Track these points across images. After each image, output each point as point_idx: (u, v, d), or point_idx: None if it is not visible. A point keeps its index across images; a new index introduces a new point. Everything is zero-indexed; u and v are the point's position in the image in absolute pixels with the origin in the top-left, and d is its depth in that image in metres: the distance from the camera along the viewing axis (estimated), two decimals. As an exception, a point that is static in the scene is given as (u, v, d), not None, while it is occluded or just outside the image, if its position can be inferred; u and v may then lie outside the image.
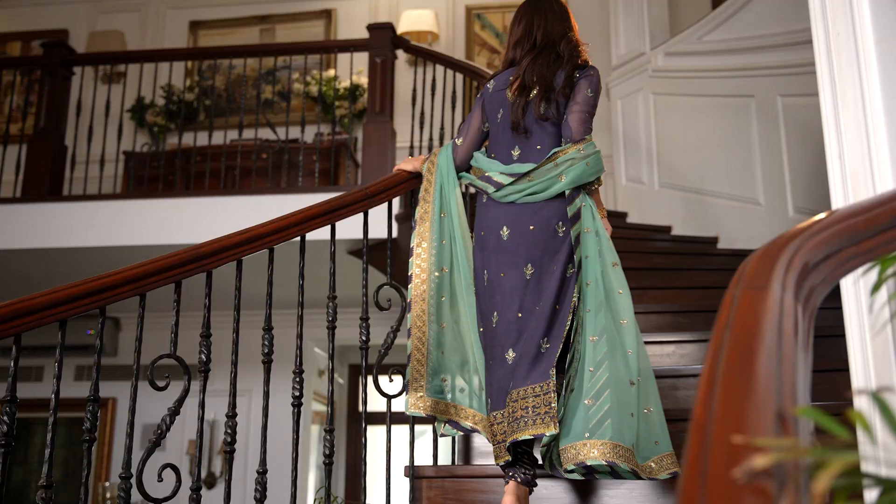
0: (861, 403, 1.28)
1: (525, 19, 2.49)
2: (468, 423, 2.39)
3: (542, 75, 2.35)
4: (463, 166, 2.53)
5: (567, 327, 2.20)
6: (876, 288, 0.90)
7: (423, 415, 2.37)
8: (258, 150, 5.41)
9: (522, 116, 2.34)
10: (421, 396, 2.37)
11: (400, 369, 2.58)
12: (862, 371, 1.28)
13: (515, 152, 2.37)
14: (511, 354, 2.23)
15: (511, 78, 2.42)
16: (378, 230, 3.09)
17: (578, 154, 2.28)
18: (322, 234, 2.58)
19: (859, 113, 1.34)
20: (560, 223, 2.30)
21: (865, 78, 1.34)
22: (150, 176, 5.56)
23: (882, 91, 1.32)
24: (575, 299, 2.22)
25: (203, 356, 2.17)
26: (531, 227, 2.29)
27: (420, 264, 2.47)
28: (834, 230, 1.07)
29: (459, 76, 4.80)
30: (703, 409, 0.72)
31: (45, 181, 4.91)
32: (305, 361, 6.25)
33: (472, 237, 2.50)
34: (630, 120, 5.51)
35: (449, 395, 2.42)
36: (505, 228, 2.31)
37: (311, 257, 2.91)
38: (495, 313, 2.29)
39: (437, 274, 2.45)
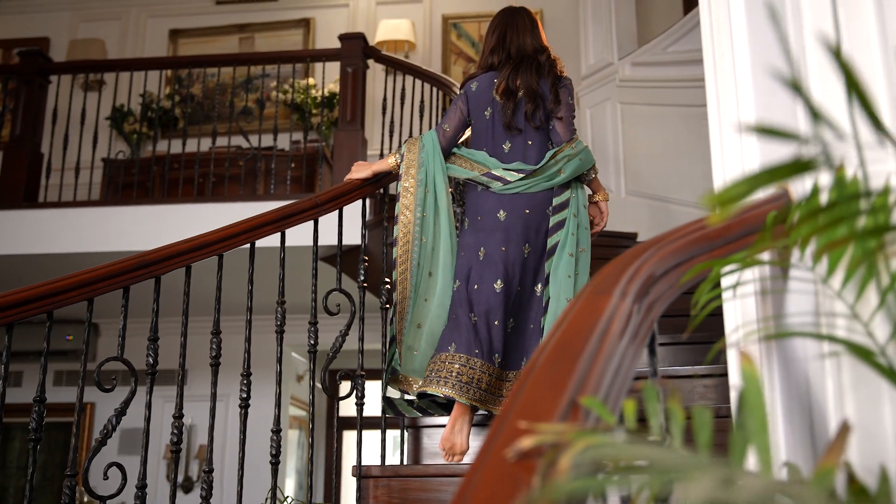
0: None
1: (499, 30, 2.83)
2: (411, 392, 2.63)
3: (526, 83, 2.70)
4: (447, 150, 2.78)
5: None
6: (706, 286, 0.99)
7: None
8: (234, 157, 5.49)
9: (513, 117, 2.70)
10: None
11: (349, 373, 2.68)
12: (736, 371, 1.37)
13: (507, 146, 2.72)
14: (511, 322, 2.58)
15: (496, 81, 2.74)
16: (349, 236, 3.28)
17: (572, 151, 2.69)
18: (297, 239, 2.75)
19: (736, 127, 1.44)
20: (550, 208, 2.67)
21: (742, 96, 1.44)
22: (129, 183, 5.64)
23: (755, 109, 1.42)
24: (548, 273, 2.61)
25: (150, 360, 2.25)
26: (526, 211, 2.64)
27: (405, 232, 2.69)
28: (687, 240, 1.17)
29: (429, 86, 4.90)
30: (511, 399, 0.81)
31: (21, 188, 4.98)
32: (283, 366, 6.37)
33: (461, 219, 2.81)
34: (598, 129, 5.61)
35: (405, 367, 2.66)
36: (502, 212, 2.65)
37: (288, 263, 3.07)
38: (499, 280, 2.58)
39: (420, 241, 2.69)
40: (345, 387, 3.19)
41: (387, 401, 2.66)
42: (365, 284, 2.77)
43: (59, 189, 5.15)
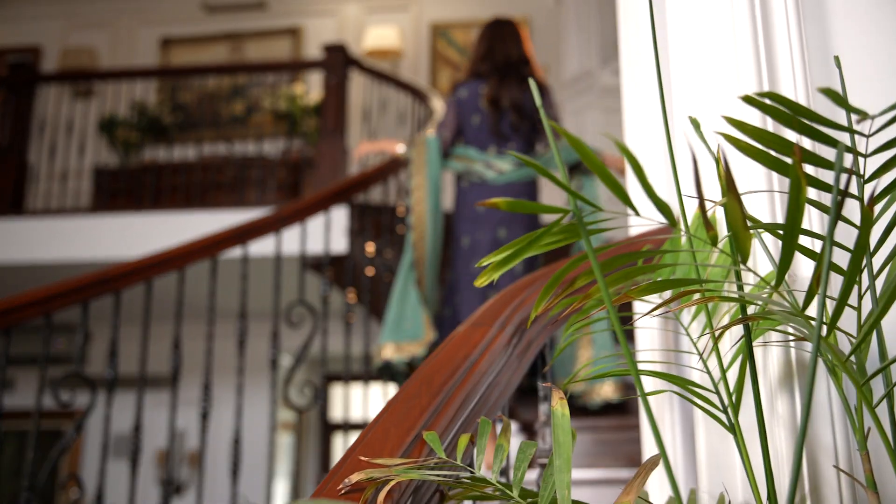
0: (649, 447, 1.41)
1: (487, 40, 3.08)
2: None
3: (510, 95, 2.96)
4: (446, 153, 3.06)
5: None
6: (575, 318, 1.04)
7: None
8: (222, 165, 5.56)
9: (499, 124, 2.97)
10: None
11: (314, 384, 2.75)
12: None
13: (492, 149, 3.00)
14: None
15: (483, 91, 2.99)
16: (335, 245, 3.46)
17: (563, 143, 2.94)
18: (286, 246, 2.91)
19: (658, 154, 1.50)
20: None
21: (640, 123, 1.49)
22: (119, 191, 5.71)
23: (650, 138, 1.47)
24: None
25: (110, 374, 2.31)
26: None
27: (419, 221, 2.91)
28: (575, 273, 1.22)
29: (410, 95, 4.98)
30: (364, 432, 0.87)
31: (9, 197, 5.06)
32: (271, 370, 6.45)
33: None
34: (580, 136, 5.66)
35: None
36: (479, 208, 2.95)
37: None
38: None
39: (433, 227, 2.93)
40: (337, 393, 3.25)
41: (385, 368, 2.79)
42: (327, 300, 2.83)
43: (49, 198, 5.23)
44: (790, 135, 0.90)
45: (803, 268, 0.93)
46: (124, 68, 6.33)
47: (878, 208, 0.74)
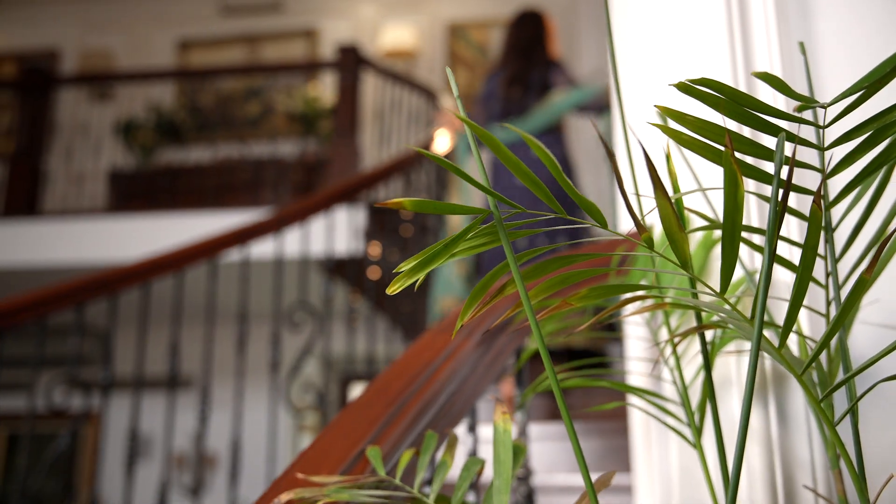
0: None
1: (512, 34, 3.38)
2: None
3: (520, 77, 3.22)
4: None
5: None
6: (526, 354, 0.99)
7: None
8: (237, 166, 5.56)
9: (512, 106, 3.21)
10: None
11: (314, 387, 2.72)
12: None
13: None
14: None
15: (502, 79, 3.27)
16: (343, 247, 3.48)
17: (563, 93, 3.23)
18: (293, 248, 2.98)
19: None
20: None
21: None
22: (138, 193, 5.73)
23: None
24: None
25: (105, 375, 2.29)
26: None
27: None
28: (553, 278, 1.16)
29: (424, 94, 4.94)
30: (310, 446, 0.83)
31: (23, 201, 5.09)
32: (281, 371, 6.45)
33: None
34: (593, 134, 5.59)
35: None
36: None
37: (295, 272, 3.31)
38: None
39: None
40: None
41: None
42: (329, 302, 2.80)
43: (65, 200, 5.26)
44: (750, 131, 0.85)
45: (780, 272, 0.88)
46: (141, 70, 6.36)
47: (842, 208, 0.68)
